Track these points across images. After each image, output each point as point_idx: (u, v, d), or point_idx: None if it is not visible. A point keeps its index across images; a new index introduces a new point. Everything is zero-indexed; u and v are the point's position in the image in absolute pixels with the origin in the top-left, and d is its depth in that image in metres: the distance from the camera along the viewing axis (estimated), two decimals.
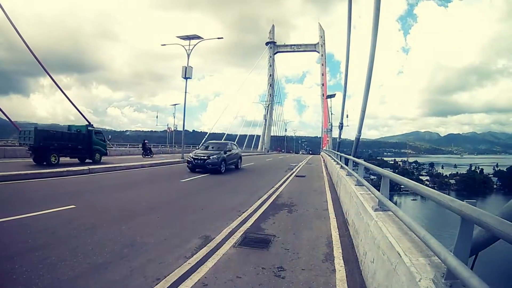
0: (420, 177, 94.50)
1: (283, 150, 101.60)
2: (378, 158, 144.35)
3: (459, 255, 2.14)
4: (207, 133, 71.08)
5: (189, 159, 17.28)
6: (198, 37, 26.51)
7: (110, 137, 35.96)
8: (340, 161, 14.14)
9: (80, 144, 19.48)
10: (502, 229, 1.65)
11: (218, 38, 29.39)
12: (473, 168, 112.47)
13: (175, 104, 58.58)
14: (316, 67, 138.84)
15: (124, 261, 4.47)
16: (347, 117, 41.85)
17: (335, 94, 60.89)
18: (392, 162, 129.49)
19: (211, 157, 16.66)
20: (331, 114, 65.86)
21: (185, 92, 27.35)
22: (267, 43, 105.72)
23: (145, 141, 33.20)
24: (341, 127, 22.90)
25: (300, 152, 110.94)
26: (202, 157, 16.70)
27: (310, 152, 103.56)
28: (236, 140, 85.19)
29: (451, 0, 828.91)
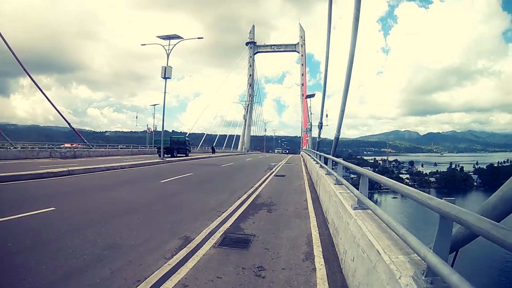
0: (400, 175, 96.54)
1: (270, 151, 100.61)
2: (358, 157, 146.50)
3: (439, 252, 2.16)
4: (186, 133, 70.53)
5: None
6: (178, 37, 26.31)
7: (192, 142, 50.29)
8: (320, 160, 14.24)
9: (183, 146, 37.57)
10: (481, 226, 1.66)
11: (198, 38, 29.41)
12: (453, 166, 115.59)
13: (154, 105, 58.60)
14: (296, 67, 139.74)
15: (104, 263, 4.41)
16: (326, 116, 42.46)
17: (314, 94, 61.28)
18: (372, 161, 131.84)
19: None
20: (311, 113, 66.33)
21: (165, 92, 27.22)
22: (247, 43, 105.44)
23: (213, 146, 62.43)
24: (320, 126, 23.17)
25: (276, 150, 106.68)
26: None
27: (287, 151, 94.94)
28: (216, 140, 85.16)
29: (431, 1, 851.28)
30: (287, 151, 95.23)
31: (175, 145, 35.63)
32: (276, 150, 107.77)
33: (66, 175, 13.95)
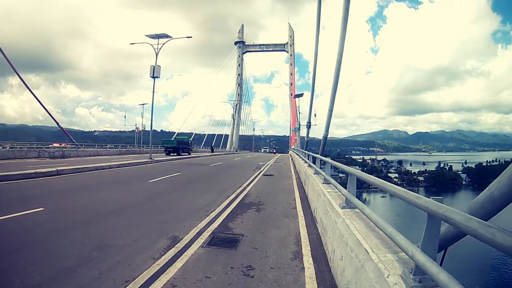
0: (389, 174, 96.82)
1: (259, 150, 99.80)
2: (346, 156, 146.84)
3: (427, 251, 2.18)
4: (175, 132, 70.22)
5: None
6: (167, 36, 26.08)
7: (194, 142, 58.05)
8: (308, 159, 14.29)
9: (186, 146, 44.14)
10: (469, 225, 1.68)
11: (187, 37, 29.51)
12: (442, 165, 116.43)
13: (143, 104, 58.53)
14: (285, 67, 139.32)
15: (93, 264, 4.37)
16: (315, 116, 42.75)
17: (303, 94, 61.16)
18: (361, 160, 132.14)
19: None
20: (299, 113, 66.46)
21: (153, 92, 26.92)
22: (236, 43, 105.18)
23: (212, 146, 72.65)
24: (309, 126, 23.22)
25: (262, 149, 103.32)
26: None
27: (275, 151, 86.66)
28: (205, 139, 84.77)
29: (421, 2, 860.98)
30: (274, 151, 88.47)
31: (180, 145, 42.09)
32: (262, 149, 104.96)
33: (55, 175, 13.75)
